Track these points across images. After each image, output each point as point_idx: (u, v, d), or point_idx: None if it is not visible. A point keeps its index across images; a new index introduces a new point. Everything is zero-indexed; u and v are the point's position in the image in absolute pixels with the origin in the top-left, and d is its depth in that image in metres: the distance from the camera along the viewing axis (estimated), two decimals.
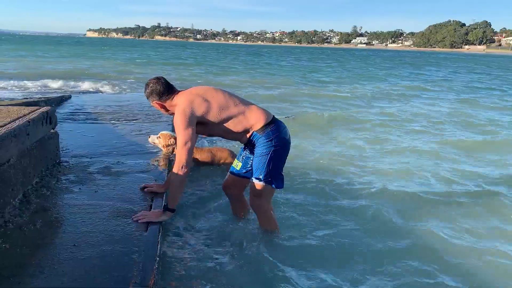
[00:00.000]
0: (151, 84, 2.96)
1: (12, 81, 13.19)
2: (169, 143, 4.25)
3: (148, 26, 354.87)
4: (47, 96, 8.49)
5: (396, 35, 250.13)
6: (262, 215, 3.23)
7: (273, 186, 3.07)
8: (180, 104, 2.89)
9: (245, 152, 3.24)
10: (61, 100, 7.81)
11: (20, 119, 3.00)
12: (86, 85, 12.83)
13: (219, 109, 2.91)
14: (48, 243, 2.32)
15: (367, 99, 13.26)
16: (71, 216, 2.67)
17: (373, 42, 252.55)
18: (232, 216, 3.53)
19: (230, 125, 2.96)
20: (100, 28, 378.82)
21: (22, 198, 2.84)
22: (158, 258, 2.25)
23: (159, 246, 2.40)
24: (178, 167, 2.77)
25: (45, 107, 3.53)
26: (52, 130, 3.60)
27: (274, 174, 3.03)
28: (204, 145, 5.45)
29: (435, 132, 8.22)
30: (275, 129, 2.99)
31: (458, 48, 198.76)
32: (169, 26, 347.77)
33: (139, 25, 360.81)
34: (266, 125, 2.97)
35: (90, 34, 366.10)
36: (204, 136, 3.25)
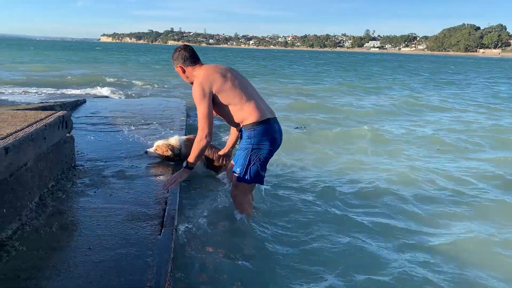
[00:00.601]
0: (180, 49, 3.31)
1: (28, 86, 13.43)
2: (167, 154, 4.18)
3: (161, 31, 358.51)
4: (62, 100, 8.61)
5: (409, 39, 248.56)
6: (237, 204, 3.43)
7: (247, 182, 3.22)
8: (198, 76, 3.17)
9: (240, 137, 3.37)
10: (76, 104, 7.91)
11: (37, 123, 3.05)
12: (100, 90, 12.98)
13: (227, 91, 3.13)
14: (64, 246, 2.35)
15: (404, 110, 11.63)
16: (86, 219, 2.70)
17: (386, 46, 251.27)
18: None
19: (231, 110, 3.17)
20: (114, 33, 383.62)
21: (38, 201, 2.87)
22: (172, 262, 2.26)
23: (172, 249, 2.41)
24: (201, 136, 3.09)
25: (61, 112, 3.58)
26: (67, 134, 3.65)
27: (251, 170, 3.19)
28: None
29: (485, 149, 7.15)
30: (261, 130, 3.13)
31: (473, 51, 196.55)
32: (182, 31, 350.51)
33: (152, 30, 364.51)
34: (254, 123, 3.12)
35: (104, 39, 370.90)
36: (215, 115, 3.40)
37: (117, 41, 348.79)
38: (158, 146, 4.25)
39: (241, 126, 3.20)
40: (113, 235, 2.49)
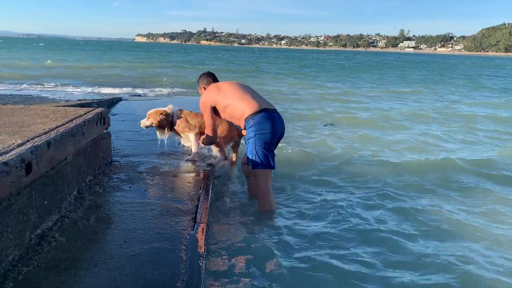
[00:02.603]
0: (203, 75, 4.15)
1: (69, 85, 13.93)
2: (160, 118, 4.18)
3: (194, 31, 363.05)
4: (99, 98, 8.86)
5: (446, 39, 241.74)
6: (260, 196, 3.66)
7: (260, 167, 3.50)
8: (203, 93, 3.92)
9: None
10: (112, 102, 8.12)
11: (77, 119, 3.14)
12: (136, 89, 13.27)
13: (222, 96, 3.70)
14: (100, 238, 2.42)
15: None
16: (122, 213, 2.77)
17: (421, 46, 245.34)
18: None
19: (230, 109, 3.66)
20: (148, 33, 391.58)
21: (76, 195, 2.97)
22: (204, 257, 2.29)
23: (205, 245, 2.44)
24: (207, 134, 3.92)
25: (99, 109, 3.67)
26: (105, 131, 3.75)
27: (260, 155, 3.47)
28: None
29: None
30: (259, 117, 3.47)
31: None
32: (214, 31, 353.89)
33: (185, 30, 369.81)
34: (252, 113, 3.49)
35: (138, 39, 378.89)
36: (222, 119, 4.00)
37: (152, 41, 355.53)
38: (150, 114, 4.27)
39: (244, 121, 3.56)
40: (147, 229, 2.54)
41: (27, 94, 9.97)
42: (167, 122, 4.22)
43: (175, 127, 4.27)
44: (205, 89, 4.01)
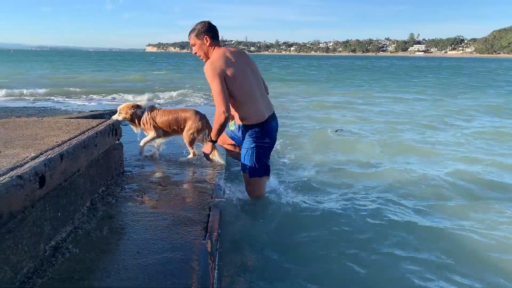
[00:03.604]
0: (209, 23, 3.47)
1: (81, 96, 14.14)
2: (131, 112, 4.46)
3: None
4: (111, 109, 8.95)
5: (456, 42, 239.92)
6: (252, 196, 3.70)
7: (258, 176, 3.56)
8: (213, 56, 3.35)
9: (239, 128, 3.63)
10: None
11: (89, 131, 3.18)
12: (148, 99, 13.40)
13: (236, 88, 3.30)
14: (113, 249, 2.44)
15: None
16: (134, 224, 2.79)
17: (431, 50, 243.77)
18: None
19: (235, 105, 3.42)
20: (159, 43, 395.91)
21: (89, 206, 3.00)
22: (216, 267, 2.29)
23: (217, 254, 2.45)
24: (219, 112, 3.24)
25: (111, 120, 3.72)
26: (117, 141, 3.79)
27: (257, 166, 3.51)
28: None
29: None
30: (261, 130, 3.46)
31: None
32: (224, 39, 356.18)
33: None
34: (254, 125, 3.44)
35: (149, 49, 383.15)
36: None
37: (162, 50, 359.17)
38: (121, 108, 4.54)
39: (241, 122, 3.51)
40: (160, 239, 2.55)
41: (40, 106, 10.14)
42: (137, 116, 4.48)
43: (142, 123, 4.50)
44: (209, 41, 3.40)
